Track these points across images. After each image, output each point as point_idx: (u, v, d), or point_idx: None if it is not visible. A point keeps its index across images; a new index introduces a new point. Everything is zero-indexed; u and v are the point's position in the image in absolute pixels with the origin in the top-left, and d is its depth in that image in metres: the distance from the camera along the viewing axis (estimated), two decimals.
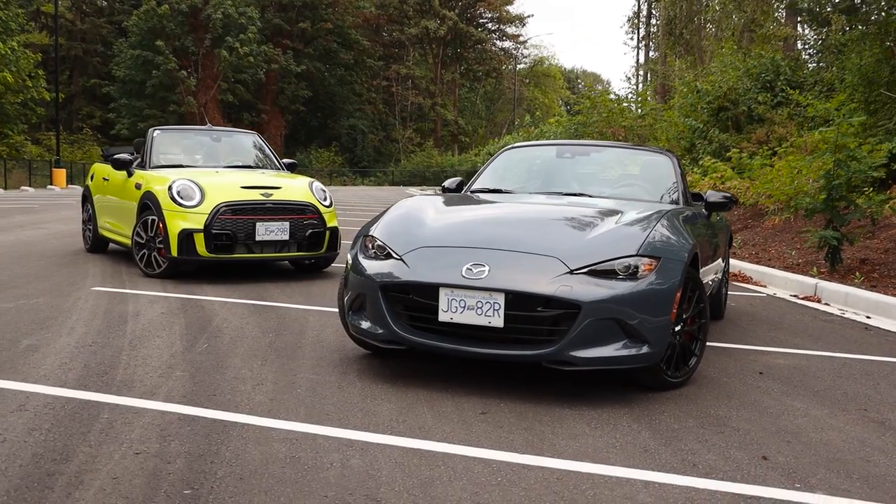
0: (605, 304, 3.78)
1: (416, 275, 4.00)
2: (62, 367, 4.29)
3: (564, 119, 28.57)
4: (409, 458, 3.11)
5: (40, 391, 3.83)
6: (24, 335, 5.02)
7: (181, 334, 5.17)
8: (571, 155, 5.83)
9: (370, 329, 4.17)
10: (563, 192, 5.22)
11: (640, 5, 40.48)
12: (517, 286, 3.81)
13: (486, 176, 5.68)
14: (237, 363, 4.47)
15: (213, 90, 56.16)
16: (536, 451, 3.23)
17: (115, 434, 3.26)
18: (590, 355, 3.81)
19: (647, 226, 4.24)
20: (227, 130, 9.52)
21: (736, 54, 20.65)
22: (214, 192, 7.36)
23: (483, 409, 3.76)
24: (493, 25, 66.15)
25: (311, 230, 7.63)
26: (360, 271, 4.27)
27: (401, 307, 4.08)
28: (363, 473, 2.93)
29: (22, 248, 9.91)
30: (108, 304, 6.17)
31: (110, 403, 3.67)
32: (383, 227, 4.44)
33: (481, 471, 3.00)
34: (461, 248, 4.07)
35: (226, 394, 3.88)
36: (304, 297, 6.72)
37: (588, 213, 4.54)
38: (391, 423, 3.51)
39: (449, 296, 3.89)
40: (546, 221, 4.40)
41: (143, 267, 7.58)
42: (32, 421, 3.40)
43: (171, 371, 4.27)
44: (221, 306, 6.20)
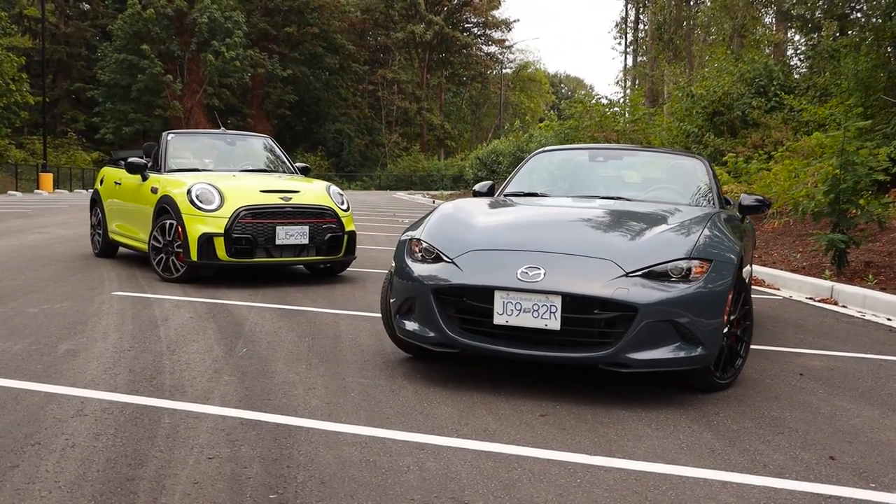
0: (661, 307, 3.79)
1: (470, 278, 3.99)
2: (107, 371, 4.25)
3: (556, 124, 28.64)
4: (483, 460, 3.10)
5: (94, 396, 3.79)
6: (58, 340, 4.97)
7: (217, 339, 5.13)
8: (604, 159, 5.85)
9: (420, 332, 4.17)
10: (600, 195, 5.23)
11: (627, 11, 40.71)
12: (574, 289, 3.81)
13: (518, 180, 5.69)
14: (282, 367, 4.44)
15: (199, 94, 55.92)
16: (606, 453, 3.23)
17: (183, 439, 3.23)
18: (646, 357, 3.82)
19: (696, 229, 4.26)
20: (240, 134, 9.47)
21: (729, 59, 20.80)
22: (234, 196, 7.32)
23: (542, 412, 3.76)
24: (478, 30, 66.27)
25: (330, 234, 7.60)
26: (408, 275, 4.26)
27: (452, 310, 4.07)
28: (442, 476, 2.92)
29: (29, 252, 9.81)
30: (133, 308, 6.12)
31: (168, 408, 3.63)
32: (430, 230, 4.43)
33: (558, 472, 3.00)
34: (514, 252, 4.07)
35: (280, 398, 3.85)
36: (328, 302, 6.69)
37: (634, 216, 4.56)
38: (454, 426, 3.50)
39: (504, 299, 3.88)
40: (595, 224, 4.41)
41: (161, 271, 7.52)
42: (95, 426, 3.36)
43: (218, 375, 4.24)
44: (248, 311, 6.16)
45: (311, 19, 61.33)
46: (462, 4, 64.11)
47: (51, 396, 3.78)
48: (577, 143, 24.86)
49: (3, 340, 4.93)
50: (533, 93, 73.02)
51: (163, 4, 53.25)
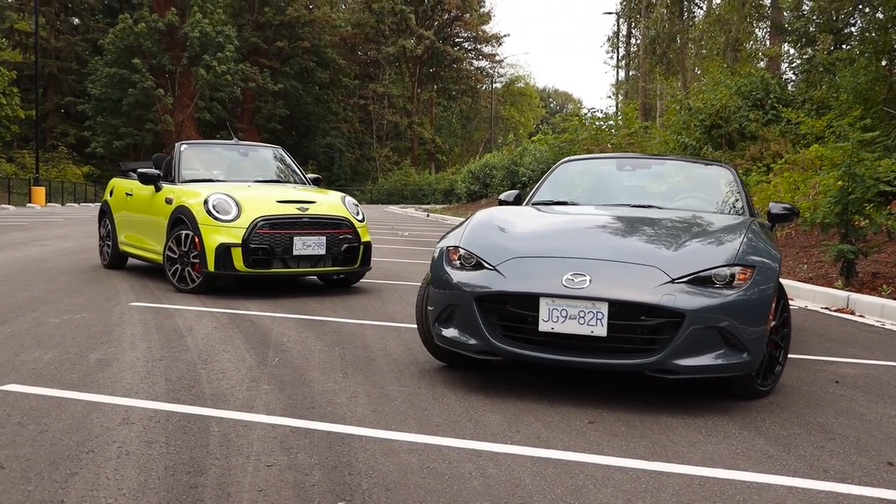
0: (707, 313, 3.78)
1: (515, 285, 3.97)
2: (144, 380, 4.20)
3: (550, 137, 28.77)
4: (543, 466, 3.07)
5: (136, 405, 3.75)
6: (87, 349, 4.91)
7: (246, 349, 5.09)
8: (632, 168, 5.86)
9: (461, 340, 4.14)
10: (631, 204, 5.23)
11: (619, 26, 40.95)
12: (621, 295, 3.80)
13: (545, 189, 5.68)
14: (318, 377, 4.40)
15: (190, 108, 55.83)
16: (664, 459, 3.21)
17: (237, 447, 3.19)
18: (692, 363, 3.80)
19: (736, 236, 4.27)
20: (252, 145, 9.43)
21: (724, 72, 20.94)
22: (251, 207, 7.28)
23: (589, 419, 3.73)
24: (469, 45, 66.52)
25: (347, 245, 7.57)
26: (448, 283, 4.24)
27: (495, 317, 4.05)
28: (507, 482, 2.89)
29: (36, 264, 9.73)
30: (155, 319, 6.06)
31: (214, 417, 3.59)
32: (469, 238, 4.40)
33: (621, 478, 2.98)
34: (558, 259, 4.05)
35: (324, 406, 3.82)
36: (349, 312, 6.65)
37: (672, 223, 4.56)
38: (506, 434, 3.47)
39: (550, 305, 3.86)
40: (635, 231, 4.40)
41: (176, 282, 7.47)
42: (144, 434, 3.31)
43: (256, 384, 4.19)
44: (271, 321, 6.12)
45: (301, 34, 61.43)
46: (453, 19, 64.37)
47: (93, 405, 3.73)
48: (572, 155, 24.93)
49: (33, 350, 4.87)
50: (523, 107, 73.27)
51: (154, 19, 53.23)
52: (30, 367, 4.43)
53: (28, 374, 4.29)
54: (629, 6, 37.96)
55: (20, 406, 3.69)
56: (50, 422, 3.45)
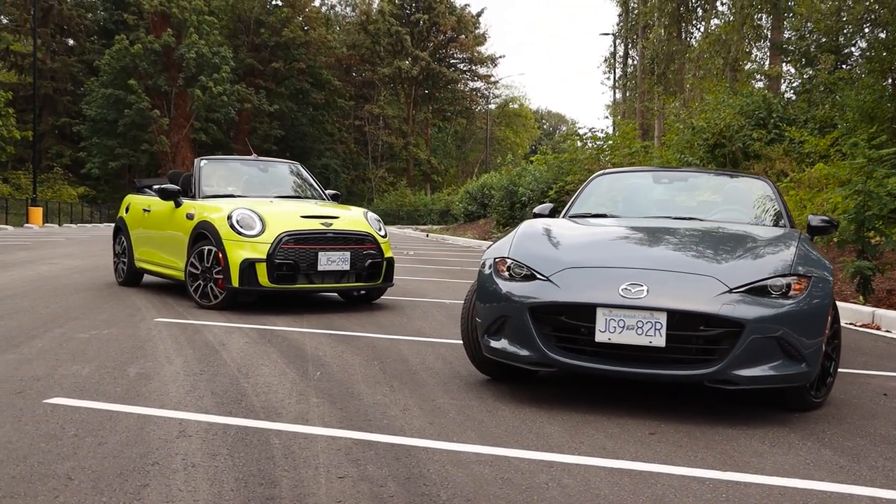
0: (766, 323, 3.75)
1: (570, 295, 3.93)
2: (190, 394, 4.14)
3: (550, 156, 28.84)
4: (618, 476, 3.02)
5: (188, 417, 3.68)
6: (124, 364, 4.84)
7: (285, 363, 5.02)
8: (669, 180, 5.84)
9: (513, 352, 4.09)
10: (673, 216, 5.20)
11: (615, 46, 41.21)
12: (679, 305, 3.76)
13: (582, 202, 5.65)
14: (365, 390, 4.34)
15: (186, 129, 55.86)
16: (735, 468, 3.16)
17: (302, 459, 3.13)
18: (751, 374, 3.76)
19: (788, 247, 4.24)
20: (272, 161, 9.40)
21: (726, 91, 21.05)
22: (275, 222, 7.24)
23: (649, 430, 3.68)
24: (464, 66, 66.83)
25: (370, 260, 7.52)
26: (498, 294, 4.19)
27: (549, 328, 4.00)
28: (585, 492, 2.84)
29: (51, 281, 9.64)
30: (183, 334, 5.99)
31: (271, 429, 3.53)
32: (518, 249, 4.36)
33: (699, 488, 2.93)
34: (613, 269, 4.01)
35: (379, 419, 3.76)
36: (377, 327, 6.59)
37: (721, 234, 4.54)
38: (570, 444, 3.42)
39: (607, 316, 3.82)
40: (686, 242, 4.37)
41: (198, 298, 7.39)
42: (205, 446, 3.25)
43: (304, 398, 4.13)
44: (301, 336, 6.05)
45: (297, 55, 61.64)
46: (448, 41, 64.73)
47: (145, 418, 3.66)
48: (572, 175, 25.03)
49: (70, 364, 4.80)
50: (518, 128, 73.56)
51: (150, 40, 53.36)
52: (71, 381, 4.35)
53: (70, 387, 4.22)
54: (626, 27, 38.20)
55: (72, 419, 3.62)
56: (106, 434, 3.38)
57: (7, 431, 3.41)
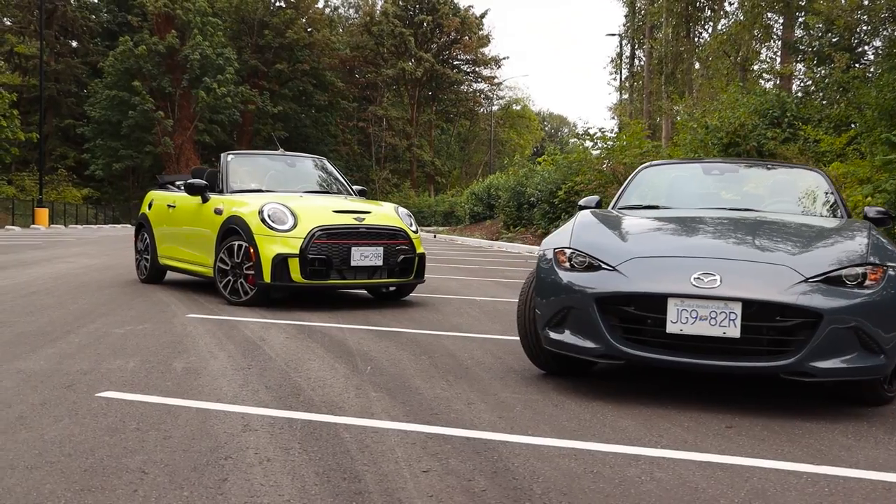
0: (844, 313, 3.63)
1: (639, 285, 3.80)
2: (243, 388, 4.02)
3: (559, 156, 28.73)
4: (711, 470, 2.90)
5: (249, 412, 3.56)
6: (167, 359, 4.72)
7: (332, 358, 4.90)
8: (720, 172, 5.71)
9: (577, 344, 3.96)
10: (729, 207, 5.08)
11: (622, 47, 41.12)
12: (755, 295, 3.64)
13: (630, 194, 5.52)
14: (422, 384, 4.22)
15: (190, 131, 55.75)
16: (828, 462, 3.04)
17: (379, 453, 3.01)
18: (828, 366, 3.63)
19: (858, 236, 4.13)
20: (299, 155, 9.28)
21: (740, 90, 20.94)
22: (307, 216, 7.11)
23: (725, 423, 3.56)
24: (468, 67, 66.69)
25: (403, 256, 7.39)
26: (559, 285, 4.07)
27: (616, 319, 3.88)
28: (683, 486, 2.71)
29: (72, 279, 9.52)
30: (220, 329, 5.87)
31: (338, 423, 3.40)
32: (579, 239, 4.24)
33: (797, 482, 2.80)
34: (683, 258, 3.89)
35: (446, 413, 3.63)
36: (415, 323, 6.47)
37: (786, 224, 4.42)
38: (649, 438, 3.29)
39: (679, 306, 3.70)
40: (754, 231, 4.24)
41: (228, 294, 7.27)
42: (274, 440, 3.13)
43: (362, 392, 4.01)
44: (341, 332, 5.93)
45: (301, 56, 61.52)
46: (452, 42, 64.60)
47: (204, 412, 3.54)
48: (581, 175, 24.92)
49: (112, 359, 4.68)
50: (522, 130, 73.43)
51: (154, 42, 53.25)
52: (118, 375, 4.23)
53: (119, 381, 4.10)
54: (633, 28, 38.11)
55: (129, 412, 3.49)
56: (169, 428, 3.26)
57: (67, 425, 3.29)
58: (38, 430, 3.20)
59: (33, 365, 4.48)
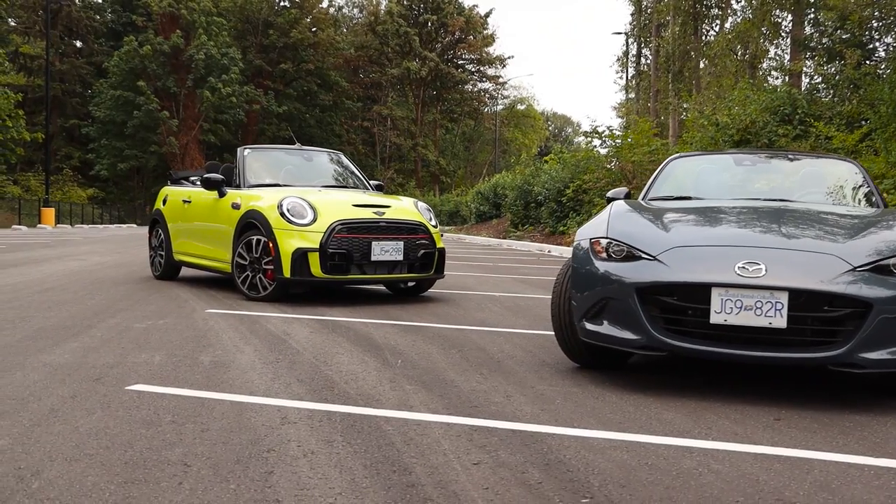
0: (895, 304, 3.53)
1: (682, 275, 3.71)
2: (275, 381, 3.93)
3: (566, 155, 28.64)
4: (768, 462, 2.81)
5: (285, 405, 3.47)
6: (193, 352, 4.64)
7: (360, 351, 4.81)
8: (752, 162, 5.62)
9: (616, 336, 3.87)
10: (763, 197, 4.98)
11: (628, 45, 41.00)
12: (802, 284, 3.54)
13: (660, 185, 5.43)
14: (456, 377, 4.13)
15: (195, 130, 55.73)
16: (888, 455, 2.95)
17: (426, 445, 2.92)
18: (878, 357, 3.54)
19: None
20: (316, 150, 9.19)
21: (750, 87, 20.83)
22: (327, 210, 7.02)
23: (774, 416, 3.47)
24: (473, 67, 66.55)
25: (423, 250, 7.30)
26: (597, 276, 3.98)
27: (657, 310, 3.78)
28: (743, 478, 2.62)
29: (85, 276, 9.45)
30: (242, 324, 5.78)
31: (379, 416, 3.32)
32: (616, 228, 4.14)
33: (858, 474, 2.71)
34: (726, 248, 3.80)
35: (487, 405, 3.54)
36: (438, 318, 6.38)
37: (827, 214, 4.33)
38: (699, 430, 3.20)
39: (723, 296, 3.60)
40: (795, 220, 4.15)
41: (247, 290, 7.18)
42: (315, 433, 3.04)
43: (397, 385, 3.92)
44: (365, 326, 5.85)
45: (305, 56, 61.47)
46: (456, 41, 64.48)
47: (239, 405, 3.45)
48: (590, 174, 24.83)
49: (137, 352, 4.60)
50: (527, 129, 73.29)
51: (159, 41, 53.23)
52: (145, 369, 4.15)
53: (147, 374, 4.01)
54: (639, 26, 37.99)
55: (162, 405, 3.41)
56: (205, 421, 3.18)
57: (101, 417, 3.20)
58: (71, 423, 3.12)
59: (58, 358, 4.40)
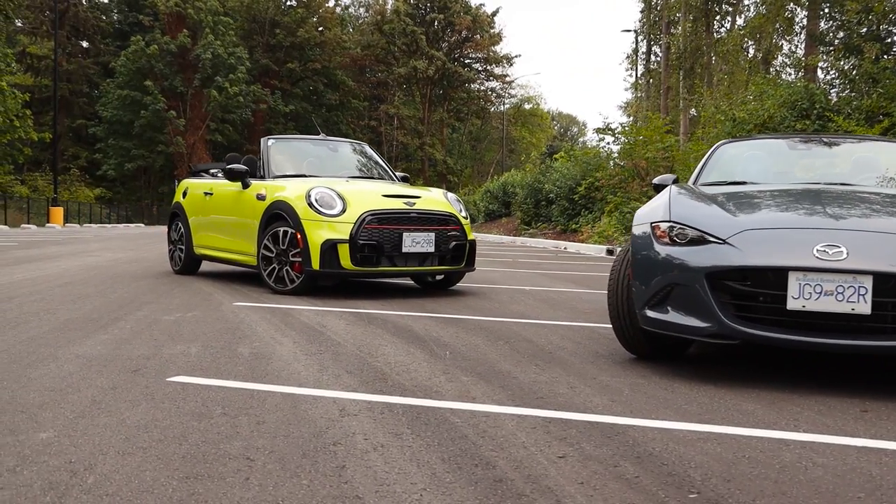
0: None
1: (756, 258, 3.49)
2: (323, 373, 3.73)
3: (578, 152, 28.43)
4: (876, 456, 2.60)
5: (340, 396, 3.27)
6: (229, 344, 4.44)
7: (404, 343, 4.61)
8: (807, 146, 5.40)
9: (684, 323, 3.66)
10: (824, 181, 4.76)
11: (637, 43, 40.73)
12: (889, 268, 3.33)
13: (709, 171, 5.21)
14: (511, 368, 3.93)
15: (202, 130, 55.58)
16: None
17: (502, 437, 2.72)
18: None
19: None
20: (341, 140, 8.99)
21: (767, 83, 20.60)
22: (356, 201, 6.82)
23: (861, 407, 3.25)
24: (480, 66, 66.27)
25: (455, 242, 7.09)
26: (660, 261, 3.77)
27: (728, 296, 3.57)
28: (852, 472, 2.42)
29: (103, 271, 9.25)
30: (274, 316, 5.58)
31: (442, 408, 3.11)
32: (678, 212, 3.92)
33: None
34: (802, 230, 3.58)
35: (552, 396, 3.34)
36: (474, 311, 6.18)
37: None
38: (786, 422, 2.99)
39: (801, 280, 3.39)
40: (870, 203, 3.94)
41: (273, 283, 6.97)
42: (379, 426, 2.84)
43: (453, 376, 3.71)
44: (402, 318, 5.64)
45: (312, 55, 61.28)
46: (463, 40, 64.20)
47: (290, 396, 3.25)
48: (601, 171, 24.62)
49: (171, 344, 4.40)
50: (534, 128, 73.02)
51: (166, 41, 53.10)
52: (183, 360, 3.95)
53: (186, 366, 3.81)
54: (649, 23, 37.74)
55: (210, 397, 3.21)
56: (259, 413, 2.98)
57: (147, 409, 3.00)
58: (117, 415, 2.92)
59: (90, 350, 4.20)
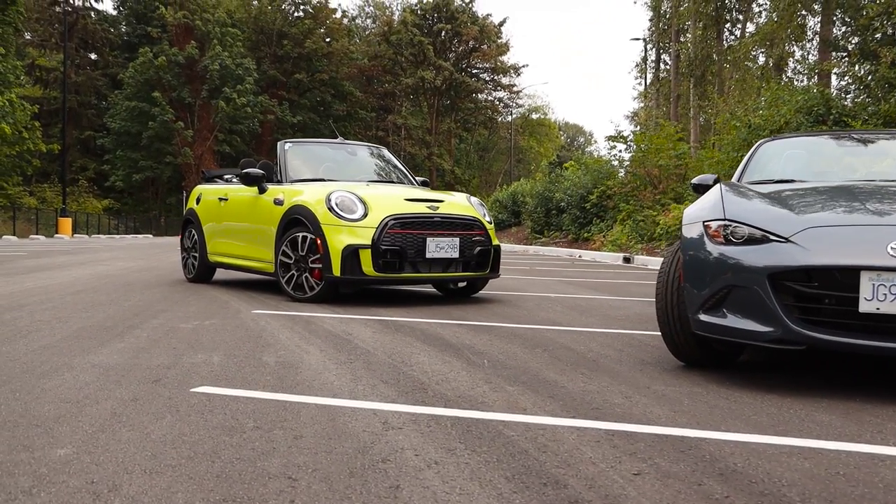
0: None
1: (824, 258, 3.24)
2: (357, 383, 3.48)
3: (589, 160, 28.22)
4: None
5: (380, 408, 3.02)
6: (253, 352, 4.20)
7: (437, 351, 4.36)
8: (855, 143, 5.15)
9: (744, 328, 3.40)
10: (880, 179, 4.51)
11: (646, 51, 40.55)
12: None
13: (753, 170, 4.97)
14: (557, 377, 3.67)
15: (210, 141, 55.56)
16: None
17: (566, 453, 2.47)
18: None
19: None
20: (359, 144, 8.77)
21: (782, 89, 20.37)
22: (378, 205, 6.59)
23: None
24: (487, 76, 66.17)
25: (480, 248, 6.85)
26: (715, 262, 3.52)
27: (791, 298, 3.32)
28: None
29: (115, 279, 9.03)
30: (296, 325, 5.34)
31: (493, 420, 2.87)
32: (733, 210, 3.67)
33: None
34: (873, 226, 3.33)
35: (608, 407, 3.08)
36: (503, 318, 5.93)
37: None
38: (870, 434, 2.74)
39: (875, 281, 3.13)
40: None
41: (292, 290, 6.74)
42: (429, 441, 2.59)
43: (496, 386, 3.47)
44: (430, 326, 5.40)
45: (319, 66, 61.27)
46: (471, 50, 64.13)
47: (326, 409, 3.00)
48: (613, 179, 24.39)
49: (191, 353, 4.16)
50: (542, 137, 72.83)
51: (174, 52, 53.15)
52: (206, 370, 3.71)
53: (210, 376, 3.57)
54: (658, 31, 37.56)
55: (239, 409, 2.97)
56: (295, 427, 2.73)
57: (172, 422, 2.76)
58: (140, 429, 2.68)
59: (107, 359, 3.97)
